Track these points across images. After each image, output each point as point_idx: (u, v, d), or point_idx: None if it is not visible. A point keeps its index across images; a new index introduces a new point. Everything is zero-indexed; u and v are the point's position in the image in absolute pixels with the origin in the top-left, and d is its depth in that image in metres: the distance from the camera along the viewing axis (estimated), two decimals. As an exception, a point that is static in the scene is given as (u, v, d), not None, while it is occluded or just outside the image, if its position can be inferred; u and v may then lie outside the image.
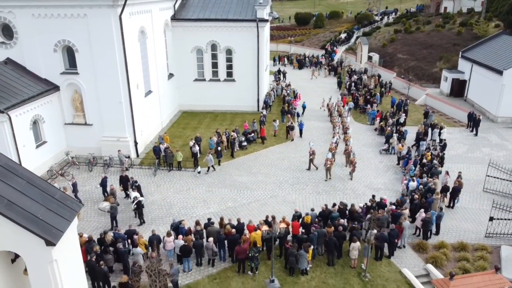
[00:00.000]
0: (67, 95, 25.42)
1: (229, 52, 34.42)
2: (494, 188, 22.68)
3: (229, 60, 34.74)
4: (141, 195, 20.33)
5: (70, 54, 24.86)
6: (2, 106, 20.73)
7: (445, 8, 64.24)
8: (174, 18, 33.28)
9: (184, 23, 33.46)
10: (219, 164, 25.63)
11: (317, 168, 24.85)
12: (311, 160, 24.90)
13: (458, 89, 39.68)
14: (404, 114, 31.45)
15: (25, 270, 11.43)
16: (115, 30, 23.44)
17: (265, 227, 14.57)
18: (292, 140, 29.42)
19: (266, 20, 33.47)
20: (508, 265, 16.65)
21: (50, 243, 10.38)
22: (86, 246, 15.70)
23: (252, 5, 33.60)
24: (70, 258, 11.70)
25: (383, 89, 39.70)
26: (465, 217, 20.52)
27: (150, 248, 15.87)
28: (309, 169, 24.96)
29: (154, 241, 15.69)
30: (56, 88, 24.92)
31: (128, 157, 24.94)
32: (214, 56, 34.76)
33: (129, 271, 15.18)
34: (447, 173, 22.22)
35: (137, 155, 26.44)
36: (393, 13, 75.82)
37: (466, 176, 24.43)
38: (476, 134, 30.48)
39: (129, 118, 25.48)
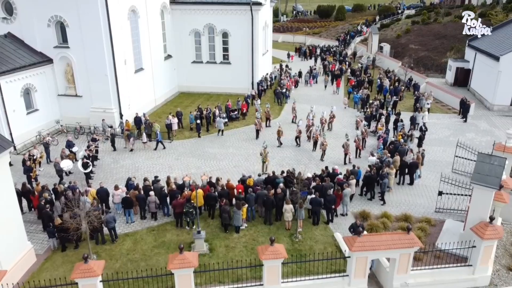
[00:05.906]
0: (60, 67, 27.37)
1: (225, 35, 35.35)
2: (463, 169, 22.26)
3: (225, 43, 35.69)
4: (92, 158, 22.02)
5: (62, 29, 26.75)
6: (-8, 72, 22.85)
7: (470, -1, 61.98)
8: (172, 1, 34.62)
9: (182, 6, 34.72)
10: (199, 137, 26.75)
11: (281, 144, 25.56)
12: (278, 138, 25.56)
13: (463, 79, 38.44)
14: (395, 97, 31.38)
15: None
16: (100, 6, 25.01)
17: (187, 178, 15.45)
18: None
19: (260, 4, 34.03)
20: (444, 236, 16.53)
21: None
22: (39, 193, 17.22)
23: (249, -11, 34.35)
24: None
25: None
26: (421, 193, 20.40)
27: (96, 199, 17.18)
28: (280, 146, 25.51)
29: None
30: (49, 60, 26.91)
31: (111, 126, 26.47)
32: (211, 39, 35.82)
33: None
34: (411, 151, 22.09)
35: (123, 127, 27.96)
36: (419, 6, 73.70)
37: (439, 158, 24.26)
38: (465, 120, 29.71)
39: (115, 91, 27.07)
